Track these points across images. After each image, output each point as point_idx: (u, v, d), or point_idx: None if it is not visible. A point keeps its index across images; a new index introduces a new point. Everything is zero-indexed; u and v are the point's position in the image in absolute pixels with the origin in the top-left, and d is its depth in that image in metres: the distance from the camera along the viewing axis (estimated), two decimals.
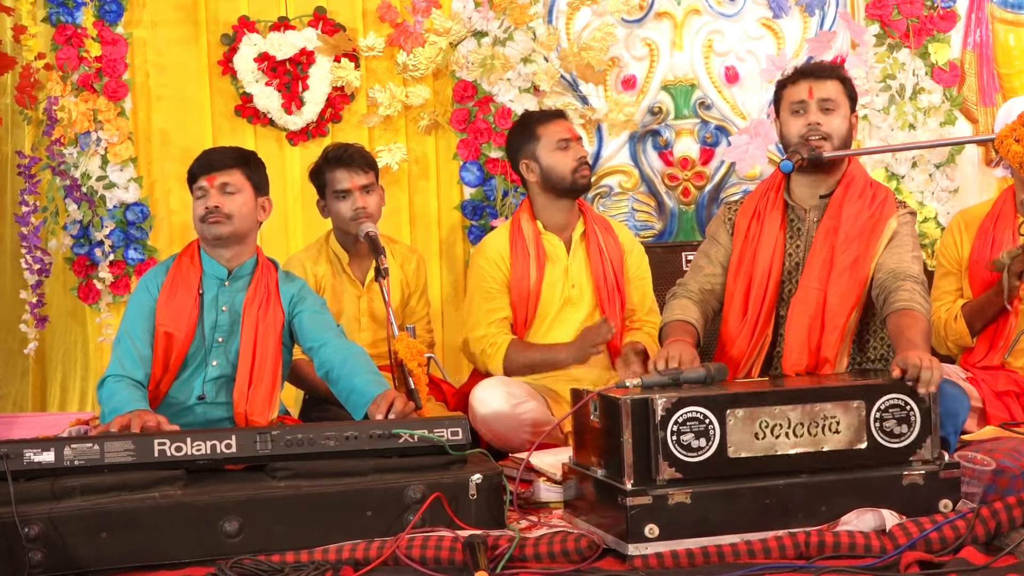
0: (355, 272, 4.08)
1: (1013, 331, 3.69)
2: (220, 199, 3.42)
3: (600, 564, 2.63)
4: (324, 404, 3.79)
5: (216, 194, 3.43)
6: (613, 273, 3.98)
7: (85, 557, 2.67)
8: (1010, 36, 4.88)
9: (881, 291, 3.24)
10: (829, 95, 3.38)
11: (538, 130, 3.99)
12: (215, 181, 3.43)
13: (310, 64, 4.74)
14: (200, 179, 3.45)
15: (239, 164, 3.49)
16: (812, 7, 4.86)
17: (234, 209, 3.43)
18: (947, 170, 4.77)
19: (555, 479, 3.20)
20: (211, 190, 3.43)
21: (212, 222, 3.42)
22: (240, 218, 3.45)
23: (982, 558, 2.55)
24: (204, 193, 3.44)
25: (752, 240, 3.42)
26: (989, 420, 3.53)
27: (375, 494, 2.83)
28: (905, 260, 3.28)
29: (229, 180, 3.44)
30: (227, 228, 3.43)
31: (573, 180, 3.94)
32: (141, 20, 4.76)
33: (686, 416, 2.68)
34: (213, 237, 3.44)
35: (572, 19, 4.84)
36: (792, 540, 2.61)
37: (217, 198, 3.42)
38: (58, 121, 4.60)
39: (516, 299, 3.93)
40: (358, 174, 4.01)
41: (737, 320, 3.39)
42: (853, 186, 3.37)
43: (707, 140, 4.89)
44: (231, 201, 3.43)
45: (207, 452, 2.86)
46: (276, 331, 3.46)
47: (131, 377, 3.33)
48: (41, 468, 2.76)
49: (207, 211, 3.42)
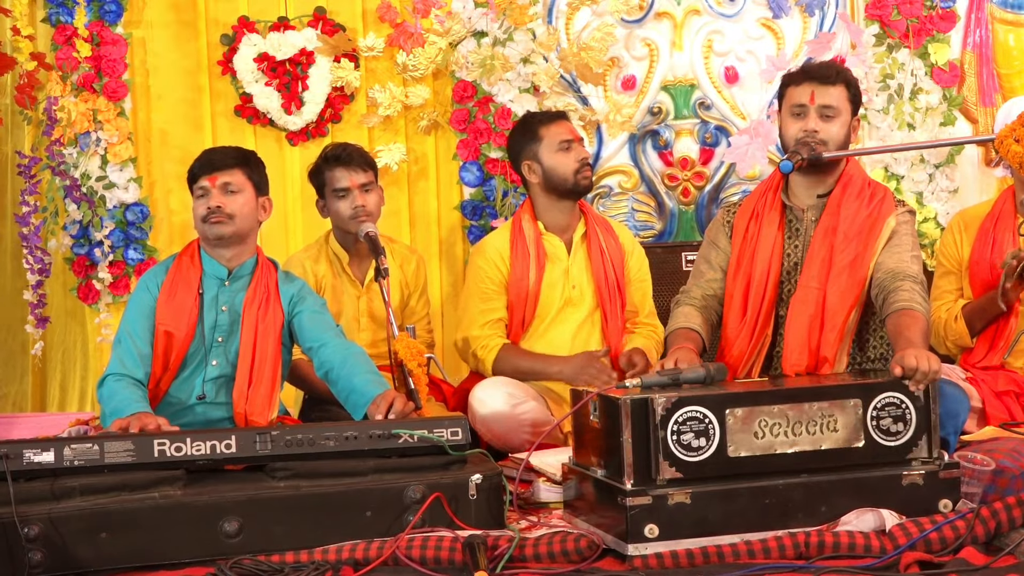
0: (355, 272, 4.08)
1: (1013, 331, 3.69)
2: (222, 199, 3.43)
3: (600, 564, 2.64)
4: (324, 404, 3.79)
5: (218, 194, 3.43)
6: (614, 274, 3.98)
7: (85, 557, 2.67)
8: (1010, 36, 4.88)
9: (880, 291, 3.24)
10: (831, 102, 3.35)
11: (540, 131, 3.99)
12: (217, 181, 3.43)
13: (310, 64, 4.74)
14: (201, 179, 3.45)
15: (240, 164, 3.49)
16: (812, 7, 4.86)
17: (236, 209, 3.43)
18: (947, 170, 4.77)
19: (555, 479, 3.20)
20: (213, 190, 3.43)
21: (214, 222, 3.42)
22: (242, 218, 3.45)
23: (982, 558, 2.56)
24: (205, 192, 3.44)
25: (751, 241, 3.42)
26: (989, 420, 3.53)
27: (375, 494, 2.83)
28: (904, 260, 3.28)
29: (231, 180, 3.45)
30: (229, 228, 3.43)
31: (575, 181, 3.94)
32: (141, 20, 4.76)
33: (686, 416, 2.69)
34: (215, 237, 3.44)
35: (572, 19, 4.84)
36: (792, 540, 2.61)
37: (219, 198, 3.42)
38: (58, 121, 4.60)
39: (515, 299, 3.93)
40: (357, 173, 4.01)
41: (736, 321, 3.39)
42: (851, 185, 3.37)
43: (707, 140, 4.88)
44: (233, 201, 3.44)
45: (207, 452, 2.87)
46: (276, 331, 3.46)
47: (131, 376, 3.33)
48: (41, 468, 2.76)
49: (209, 211, 3.42)
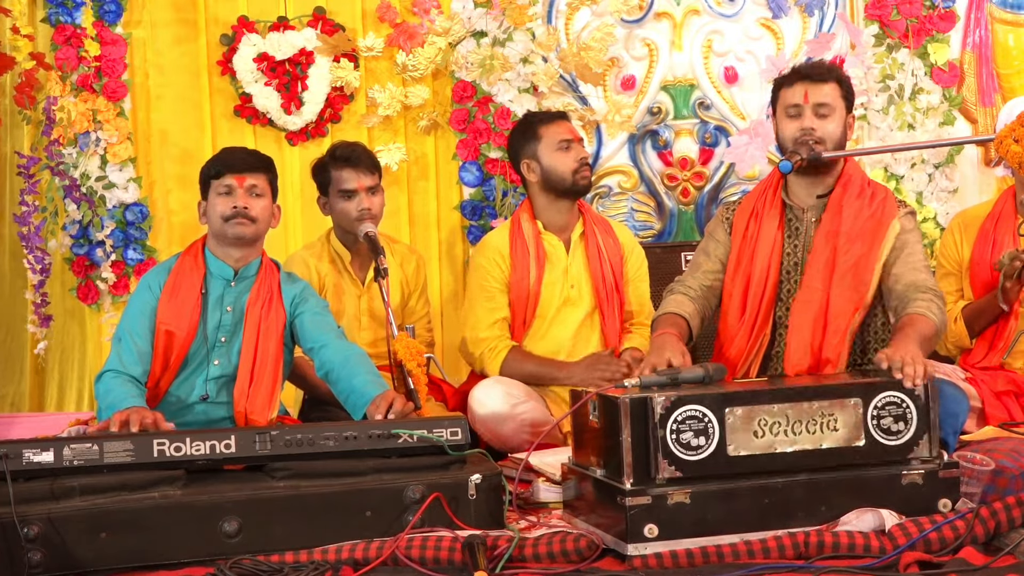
0: (356, 271, 4.08)
1: (1012, 332, 3.70)
2: (248, 200, 3.42)
3: (599, 564, 2.63)
4: (324, 404, 3.79)
5: (244, 195, 3.42)
6: (612, 274, 3.99)
7: (85, 557, 2.67)
8: (1009, 36, 4.88)
9: (900, 302, 3.23)
10: (825, 99, 3.36)
11: (540, 130, 4.00)
12: (245, 182, 3.42)
13: (309, 64, 4.74)
14: (227, 176, 3.42)
15: (265, 169, 3.51)
16: (811, 7, 4.86)
17: (259, 212, 3.44)
18: (946, 170, 4.77)
19: (554, 479, 3.20)
20: (239, 190, 3.42)
21: (239, 223, 3.41)
22: (263, 221, 3.46)
23: (981, 558, 2.55)
24: (231, 191, 3.42)
25: (750, 240, 3.42)
26: (988, 420, 3.53)
27: (375, 494, 2.83)
28: (921, 271, 3.27)
29: (257, 183, 3.45)
30: (251, 229, 3.44)
31: (574, 181, 3.94)
32: (140, 20, 4.76)
33: (685, 415, 2.69)
34: (235, 237, 3.43)
35: (571, 19, 4.84)
36: (792, 540, 2.61)
37: (246, 199, 3.42)
38: (57, 121, 4.60)
39: (515, 299, 3.94)
40: (364, 175, 4.01)
41: (735, 320, 3.39)
42: (851, 185, 3.37)
43: (706, 140, 4.89)
44: (257, 203, 3.44)
45: (206, 452, 2.86)
46: (278, 331, 3.46)
47: (129, 373, 3.34)
48: (40, 468, 2.76)
49: (235, 211, 3.41)
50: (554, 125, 4.01)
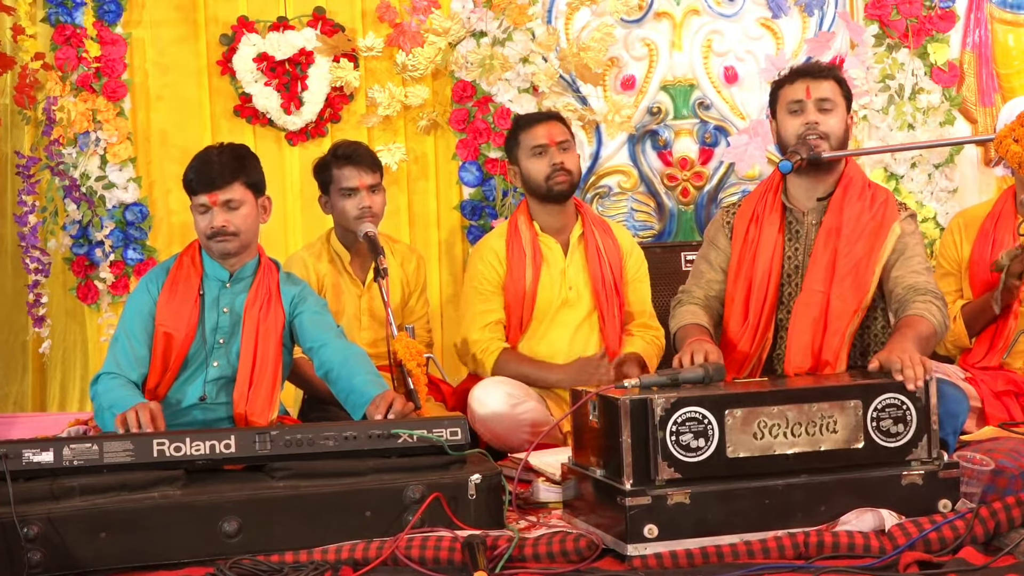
0: (356, 271, 4.08)
1: (1012, 332, 3.70)
2: (225, 217, 3.39)
3: (599, 564, 2.63)
4: (323, 404, 3.79)
5: (220, 212, 3.38)
6: (611, 275, 3.98)
7: (84, 557, 2.67)
8: (1009, 36, 4.88)
9: (900, 306, 3.23)
10: (826, 95, 3.37)
11: (520, 135, 4.00)
12: (218, 199, 3.38)
13: (309, 64, 4.74)
14: (201, 195, 3.39)
15: (237, 175, 3.41)
16: (811, 7, 4.86)
17: (239, 224, 3.40)
18: (946, 170, 4.77)
19: (554, 479, 3.20)
20: (214, 208, 3.38)
21: (219, 240, 3.40)
22: (246, 231, 3.43)
23: (981, 558, 2.56)
24: (207, 210, 3.40)
25: (751, 243, 3.42)
26: (988, 420, 3.53)
27: (374, 494, 2.83)
28: (922, 274, 3.27)
29: (231, 196, 3.39)
30: (235, 244, 3.42)
31: (548, 187, 3.93)
32: (140, 20, 4.76)
33: (685, 416, 2.69)
34: (221, 253, 3.42)
35: (571, 19, 4.84)
36: (791, 540, 2.61)
37: (222, 217, 3.38)
38: (57, 121, 4.60)
39: (512, 300, 3.93)
40: (366, 174, 4.01)
41: (738, 324, 3.39)
42: (852, 187, 3.37)
43: (706, 140, 4.89)
44: (235, 216, 3.40)
45: (206, 452, 2.86)
46: (277, 332, 3.45)
47: (125, 376, 3.33)
48: (40, 468, 2.76)
49: (213, 231, 3.39)
50: (533, 129, 3.98)
